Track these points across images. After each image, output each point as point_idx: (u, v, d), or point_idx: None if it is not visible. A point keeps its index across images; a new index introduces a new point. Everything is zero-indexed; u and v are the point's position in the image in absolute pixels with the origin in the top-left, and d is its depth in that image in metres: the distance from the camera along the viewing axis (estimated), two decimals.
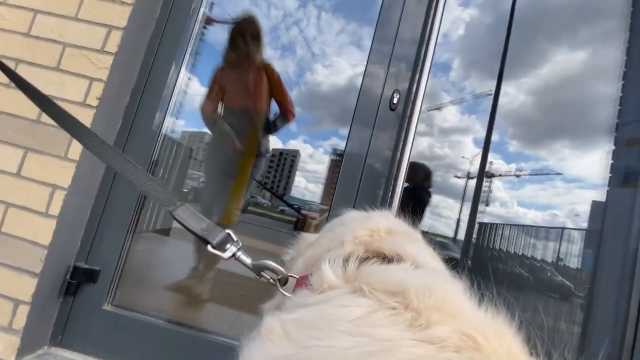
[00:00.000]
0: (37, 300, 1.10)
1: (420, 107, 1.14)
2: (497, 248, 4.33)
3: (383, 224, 0.49)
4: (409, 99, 1.17)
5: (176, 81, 1.35)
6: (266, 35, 2.15)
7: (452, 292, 0.33)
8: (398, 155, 1.17)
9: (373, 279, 0.33)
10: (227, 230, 0.54)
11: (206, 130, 2.24)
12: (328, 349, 0.26)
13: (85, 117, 1.14)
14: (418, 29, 1.25)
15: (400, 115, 1.21)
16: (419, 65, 1.18)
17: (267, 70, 2.13)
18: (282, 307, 0.40)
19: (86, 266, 1.22)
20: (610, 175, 1.84)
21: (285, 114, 2.21)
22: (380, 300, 0.30)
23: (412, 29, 1.25)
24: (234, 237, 0.54)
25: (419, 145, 1.09)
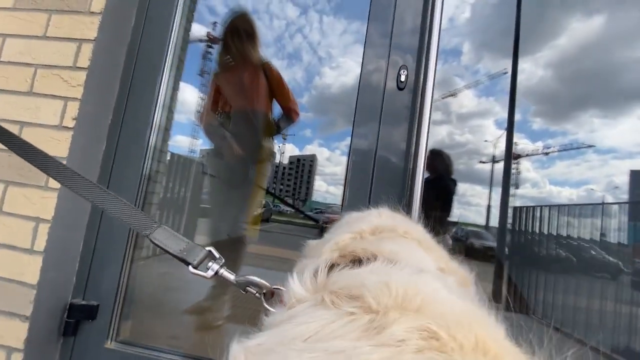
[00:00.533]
0: (31, 345, 1.01)
1: (433, 83, 0.94)
2: (535, 231, 4.02)
3: (372, 223, 0.47)
4: (418, 76, 0.99)
5: (160, 94, 1.24)
6: (271, 46, 2.02)
7: (418, 284, 0.30)
8: (413, 144, 0.99)
9: (336, 286, 0.32)
10: (208, 248, 0.53)
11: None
12: None
13: (63, 140, 1.05)
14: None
15: (411, 96, 1.03)
16: (425, 36, 0.99)
17: (266, 68, 1.97)
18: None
19: (83, 302, 1.13)
20: None
21: (289, 113, 2.04)
22: (340, 307, 0.29)
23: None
24: (216, 254, 0.53)
25: (437, 134, 0.91)
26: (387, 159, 1.04)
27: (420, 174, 0.92)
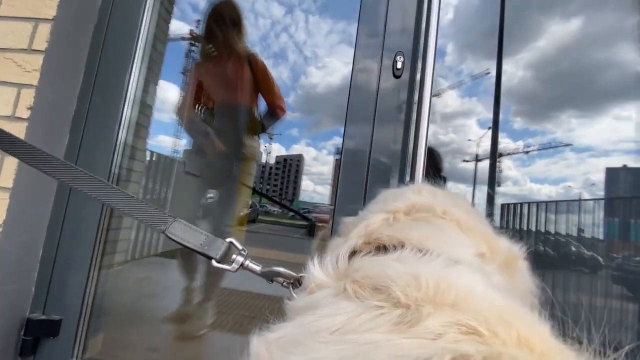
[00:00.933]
0: None
1: (433, 70, 0.85)
2: (522, 228, 4.08)
3: (408, 200, 0.44)
4: (415, 63, 0.90)
5: (130, 85, 1.11)
6: (256, 45, 1.89)
7: (450, 277, 0.28)
8: (411, 139, 0.90)
9: (359, 275, 0.31)
10: (229, 239, 0.51)
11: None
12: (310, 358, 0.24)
13: (15, 132, 0.91)
14: None
15: (408, 85, 0.95)
16: (422, 19, 0.91)
17: (251, 60, 1.83)
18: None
19: (43, 317, 0.99)
20: None
21: (274, 109, 1.91)
22: (365, 299, 0.28)
23: None
24: (238, 245, 0.51)
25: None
26: (382, 155, 0.95)
27: (420, 171, 0.83)
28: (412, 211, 0.42)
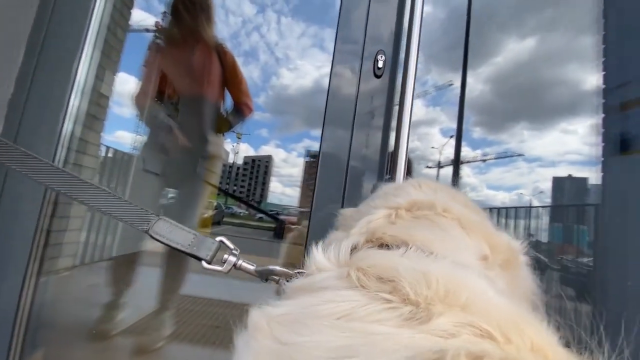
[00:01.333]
0: None
1: (416, 69, 0.83)
2: None
3: (409, 196, 0.44)
4: (396, 62, 0.88)
5: (78, 73, 0.99)
6: (227, 41, 1.75)
7: (461, 280, 0.28)
8: (391, 140, 0.87)
9: (364, 263, 0.30)
10: (220, 238, 0.48)
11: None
12: (314, 344, 0.24)
13: None
14: None
15: (387, 84, 0.92)
16: (403, 15, 0.89)
17: (220, 51, 1.71)
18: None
19: None
20: (603, 144, 1.73)
21: (240, 107, 1.79)
22: (370, 288, 0.28)
23: None
24: (230, 245, 0.49)
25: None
26: (361, 155, 0.92)
27: (401, 173, 0.81)
28: (414, 208, 0.41)
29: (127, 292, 1.56)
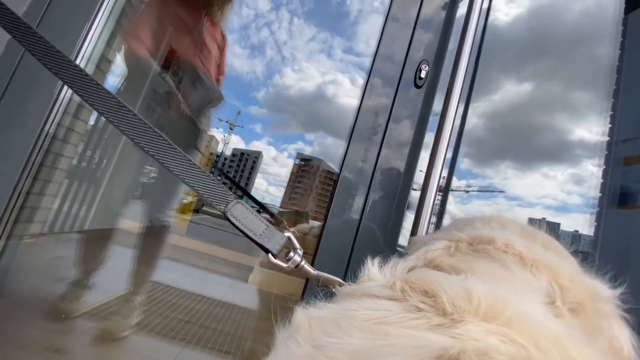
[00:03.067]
0: None
1: (463, 81, 0.78)
2: None
3: (474, 231, 0.42)
4: (439, 72, 0.83)
5: (90, 30, 0.91)
6: (235, 32, 1.68)
7: (512, 301, 0.26)
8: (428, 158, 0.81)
9: (413, 277, 0.31)
10: (288, 234, 0.47)
11: None
12: (343, 345, 0.25)
13: None
14: None
15: (425, 94, 0.87)
16: (449, 27, 0.85)
17: (222, 33, 1.68)
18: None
19: None
20: (600, 195, 1.77)
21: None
22: (410, 299, 0.28)
23: None
24: (296, 243, 0.47)
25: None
26: (386, 169, 0.86)
27: (434, 189, 0.77)
28: (475, 242, 0.40)
29: (96, 271, 1.45)
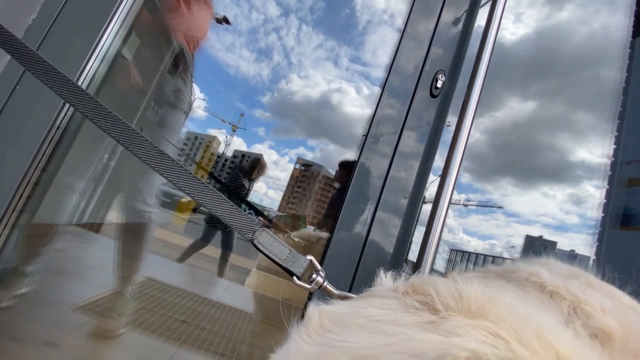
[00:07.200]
0: None
1: (480, 92, 0.79)
2: (447, 271, 4.37)
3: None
4: (455, 81, 0.84)
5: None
6: (245, 36, 1.64)
7: (502, 299, 0.28)
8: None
9: (419, 281, 0.33)
10: (309, 257, 0.51)
11: None
12: (344, 343, 0.27)
13: None
14: None
15: (440, 103, 0.86)
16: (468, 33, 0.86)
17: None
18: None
19: None
20: (602, 215, 1.77)
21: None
22: (408, 299, 0.30)
23: None
24: (317, 265, 0.51)
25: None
26: (397, 178, 0.86)
27: (447, 199, 0.77)
28: (503, 272, 0.42)
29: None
